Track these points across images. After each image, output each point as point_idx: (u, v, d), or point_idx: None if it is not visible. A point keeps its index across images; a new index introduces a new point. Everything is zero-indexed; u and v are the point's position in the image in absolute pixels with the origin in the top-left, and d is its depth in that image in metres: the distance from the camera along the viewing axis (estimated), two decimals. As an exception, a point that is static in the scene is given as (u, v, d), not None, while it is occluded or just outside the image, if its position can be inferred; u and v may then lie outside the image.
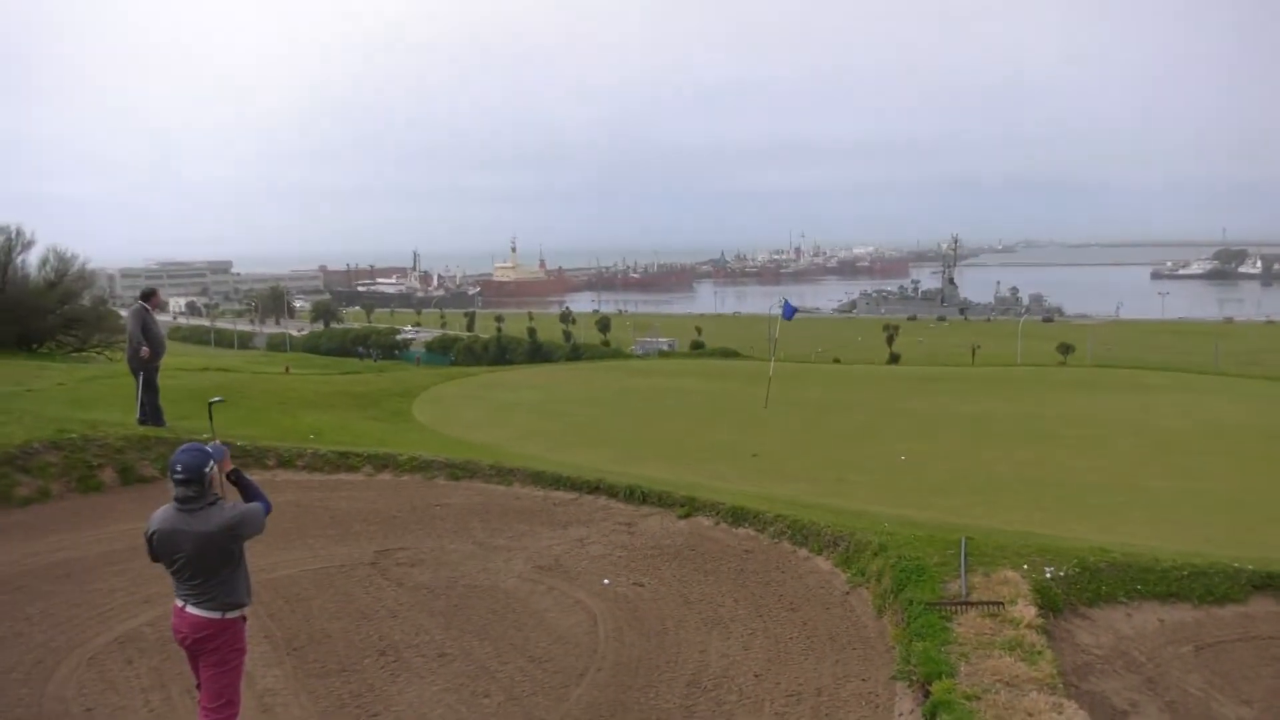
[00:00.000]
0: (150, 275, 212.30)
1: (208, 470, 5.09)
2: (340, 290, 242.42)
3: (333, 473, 12.85)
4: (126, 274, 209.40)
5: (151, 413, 13.92)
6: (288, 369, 49.12)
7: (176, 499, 5.07)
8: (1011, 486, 13.50)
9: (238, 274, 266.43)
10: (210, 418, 6.02)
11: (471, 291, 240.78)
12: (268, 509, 5.35)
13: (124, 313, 22.14)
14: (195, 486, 5.05)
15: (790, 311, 24.65)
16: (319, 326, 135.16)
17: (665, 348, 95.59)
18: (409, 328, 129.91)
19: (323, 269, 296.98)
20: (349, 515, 11.11)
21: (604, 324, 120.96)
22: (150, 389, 13.99)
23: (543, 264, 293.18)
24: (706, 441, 17.21)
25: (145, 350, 13.69)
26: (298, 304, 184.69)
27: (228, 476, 5.38)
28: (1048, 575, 7.83)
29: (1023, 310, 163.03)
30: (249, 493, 5.38)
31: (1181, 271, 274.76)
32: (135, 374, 14.01)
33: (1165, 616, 7.77)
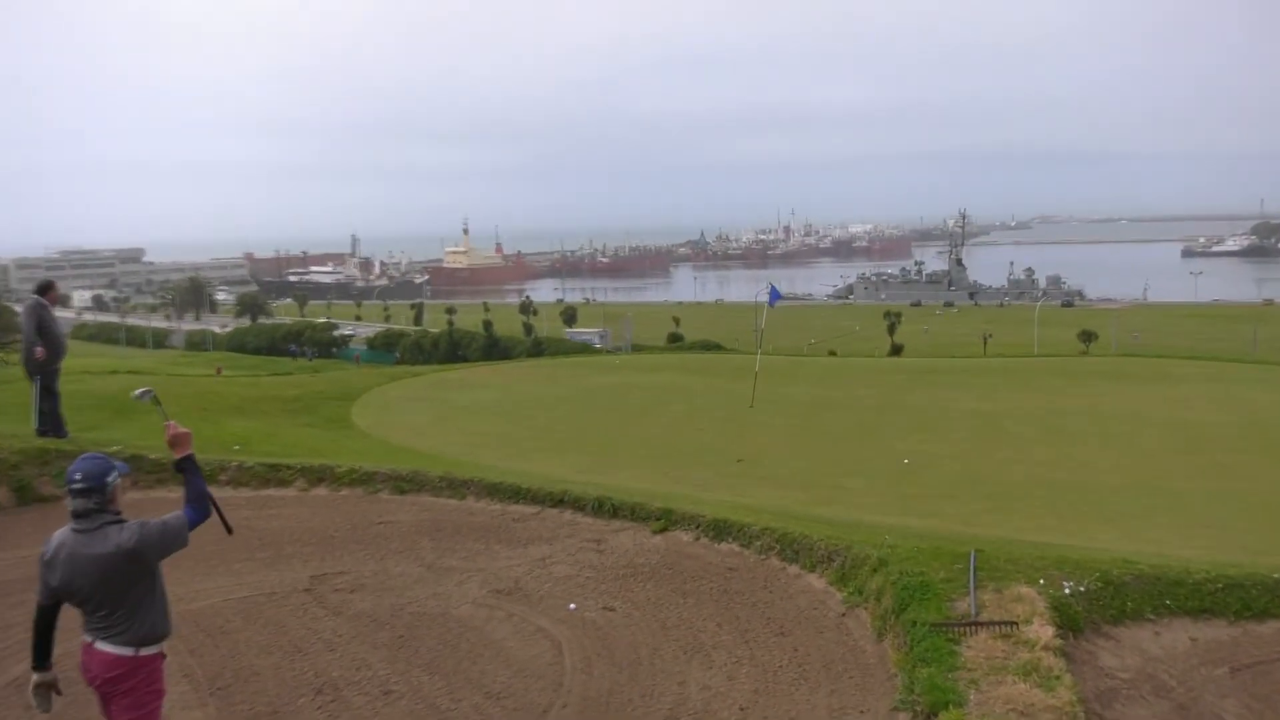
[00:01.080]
0: (50, 266, 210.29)
1: (110, 480, 5.01)
2: (269, 280, 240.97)
3: (261, 488, 12.76)
4: (22, 264, 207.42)
5: (51, 422, 13.77)
6: (219, 370, 48.93)
7: (73, 513, 4.99)
8: (1026, 491, 13.62)
9: (151, 263, 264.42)
10: (158, 402, 5.87)
11: (419, 280, 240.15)
12: (198, 519, 5.25)
13: (20, 309, 21.90)
14: (95, 497, 4.97)
15: (776, 297, 24.76)
16: (245, 321, 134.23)
17: (596, 342, 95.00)
18: (336, 318, 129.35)
19: (249, 256, 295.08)
20: (280, 536, 11.04)
21: (569, 315, 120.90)
22: (50, 395, 13.83)
23: (499, 248, 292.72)
24: (685, 446, 17.24)
25: (41, 351, 13.54)
26: (220, 296, 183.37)
27: (176, 464, 5.31)
28: (1066, 590, 7.90)
29: (1039, 294, 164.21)
30: (190, 490, 5.29)
31: (1215, 248, 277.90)
32: (32, 378, 13.84)
33: (1198, 635, 7.84)
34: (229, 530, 5.65)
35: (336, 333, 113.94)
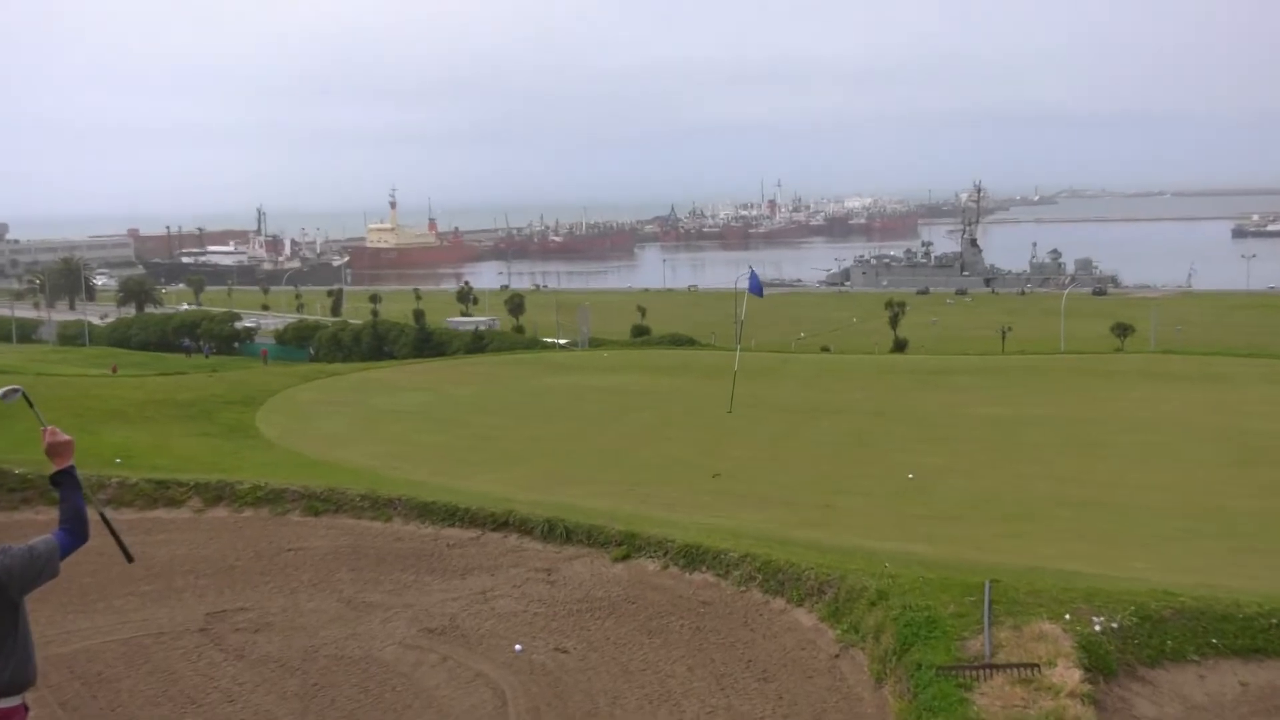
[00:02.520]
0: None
1: None
2: (159, 262, 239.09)
3: (148, 509, 12.66)
4: None
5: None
6: (114, 369, 48.91)
7: None
8: (1051, 511, 13.72)
9: (15, 241, 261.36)
10: (30, 403, 5.81)
11: (337, 262, 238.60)
12: (73, 544, 5.21)
13: None
14: None
15: (757, 285, 24.81)
16: (129, 311, 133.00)
17: (483, 328, 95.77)
18: (238, 307, 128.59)
19: (133, 234, 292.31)
20: (170, 565, 10.96)
21: (515, 304, 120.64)
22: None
23: (433, 225, 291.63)
24: (651, 459, 17.24)
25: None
26: (100, 281, 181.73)
27: (52, 478, 5.25)
28: (1096, 628, 7.95)
29: (1066, 280, 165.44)
30: (65, 510, 5.25)
31: (1271, 227, 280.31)
32: (-128, 378, 13.69)
33: (1249, 679, 7.91)
34: (129, 558, 5.61)
35: (239, 324, 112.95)
